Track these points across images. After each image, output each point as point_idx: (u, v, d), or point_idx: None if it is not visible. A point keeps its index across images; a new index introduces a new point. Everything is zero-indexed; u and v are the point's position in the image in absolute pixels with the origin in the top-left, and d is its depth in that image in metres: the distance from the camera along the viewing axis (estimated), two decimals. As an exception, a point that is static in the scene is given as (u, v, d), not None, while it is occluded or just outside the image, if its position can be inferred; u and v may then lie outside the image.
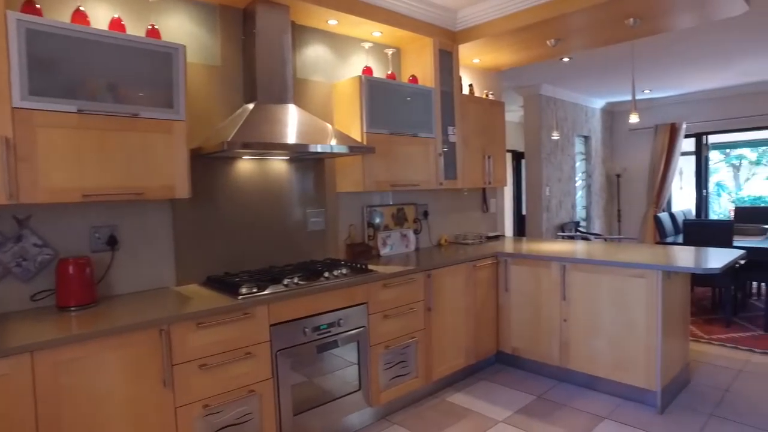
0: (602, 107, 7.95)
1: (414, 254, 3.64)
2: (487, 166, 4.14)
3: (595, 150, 7.86)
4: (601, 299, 3.14)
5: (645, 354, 2.95)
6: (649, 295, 2.91)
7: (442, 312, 3.27)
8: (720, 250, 3.35)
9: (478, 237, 4.29)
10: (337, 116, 3.32)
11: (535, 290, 3.48)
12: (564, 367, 3.35)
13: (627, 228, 8.12)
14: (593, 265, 3.15)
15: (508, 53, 4.10)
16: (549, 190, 6.81)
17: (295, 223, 3.13)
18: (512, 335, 3.64)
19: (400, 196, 3.84)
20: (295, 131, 2.64)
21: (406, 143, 3.39)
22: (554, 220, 6.91)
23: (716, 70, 5.85)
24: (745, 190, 12.76)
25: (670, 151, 7.39)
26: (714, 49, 4.93)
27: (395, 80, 3.34)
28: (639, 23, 3.33)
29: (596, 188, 7.93)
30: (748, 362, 3.69)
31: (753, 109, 6.76)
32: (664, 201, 7.61)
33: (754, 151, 12.88)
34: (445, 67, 3.71)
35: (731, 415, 2.89)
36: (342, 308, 2.63)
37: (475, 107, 4.02)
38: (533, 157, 6.71)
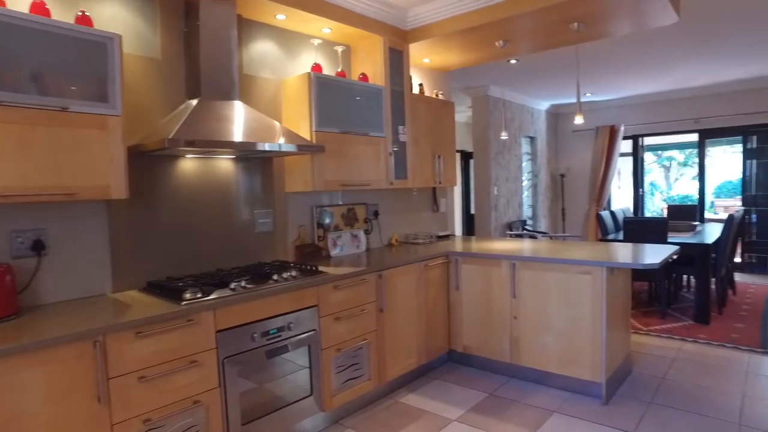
0: (547, 109, 8.21)
1: (365, 255, 3.59)
2: (438, 166, 4.16)
3: (541, 150, 8.11)
4: (549, 296, 3.21)
5: (591, 348, 3.05)
6: (595, 290, 3.01)
7: (394, 312, 3.24)
8: (657, 246, 3.52)
9: (429, 236, 4.31)
10: (285, 114, 3.23)
11: (486, 288, 3.53)
12: (515, 364, 3.41)
13: (571, 226, 8.43)
14: (542, 262, 3.22)
15: (457, 53, 4.13)
16: (497, 189, 6.96)
17: (243, 224, 3.01)
18: (464, 333, 3.67)
19: (350, 196, 3.79)
20: (242, 129, 2.54)
21: (357, 142, 3.34)
22: (502, 218, 7.07)
23: (651, 76, 6.16)
24: (674, 189, 13.62)
25: (609, 152, 7.74)
26: (650, 57, 5.19)
27: (345, 78, 3.28)
28: (583, 28, 3.44)
29: (542, 188, 8.18)
30: (680, 350, 3.90)
31: (682, 114, 7.19)
32: (605, 200, 7.95)
33: (682, 153, 13.77)
34: (395, 66, 3.69)
35: (668, 401, 3.03)
36: (292, 312, 2.55)
37: (425, 107, 4.03)
38: (481, 157, 6.83)
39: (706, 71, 5.95)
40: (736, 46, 4.87)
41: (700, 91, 6.97)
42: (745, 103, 6.68)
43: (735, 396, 3.11)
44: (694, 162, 13.51)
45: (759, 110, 6.55)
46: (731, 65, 5.68)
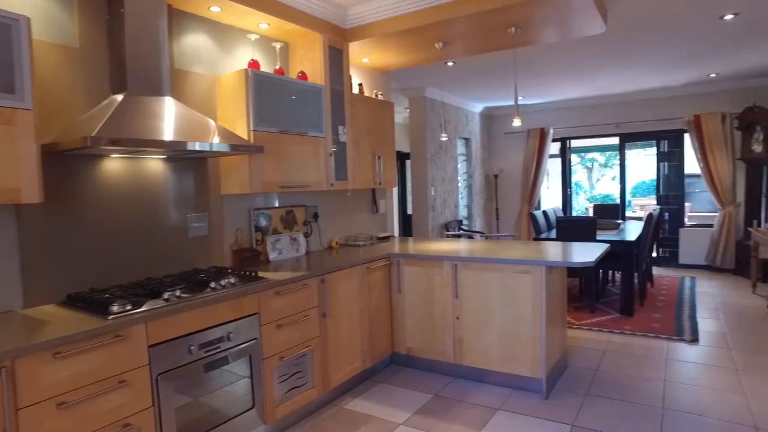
0: (481, 111, 8.44)
1: (305, 258, 3.49)
2: (377, 167, 4.13)
3: (475, 152, 8.32)
4: (491, 295, 3.26)
5: (531, 345, 3.13)
6: (535, 289, 3.09)
7: (337, 317, 3.17)
8: (588, 244, 3.68)
9: (369, 238, 4.27)
10: (221, 112, 3.06)
11: (428, 290, 3.53)
12: (458, 364, 3.44)
13: (504, 225, 8.71)
14: (483, 263, 3.27)
15: (397, 54, 4.12)
16: (434, 190, 7.05)
17: (175, 229, 2.81)
18: (407, 336, 3.66)
19: (289, 198, 3.67)
20: (173, 127, 2.36)
21: (296, 142, 3.24)
22: (439, 219, 7.16)
23: (579, 82, 6.48)
24: (597, 189, 14.50)
25: (540, 154, 8.07)
26: (578, 64, 5.45)
27: (284, 76, 3.16)
28: (520, 33, 3.54)
29: (477, 188, 8.39)
30: (610, 342, 4.11)
31: (605, 118, 7.63)
32: (536, 200, 8.28)
33: (603, 155, 14.69)
34: (335, 65, 3.62)
35: (602, 391, 3.18)
36: (231, 321, 2.41)
37: (365, 107, 3.98)
38: (419, 157, 6.89)
39: (627, 79, 6.34)
40: (653, 57, 5.22)
41: (621, 98, 7.44)
42: (659, 109, 7.20)
43: (658, 382, 3.31)
44: (613, 163, 14.48)
45: (670, 117, 7.08)
46: (648, 74, 6.09)
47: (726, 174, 6.64)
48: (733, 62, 5.63)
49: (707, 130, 6.68)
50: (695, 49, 4.99)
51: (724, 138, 6.63)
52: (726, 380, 3.32)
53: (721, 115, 6.63)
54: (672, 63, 5.55)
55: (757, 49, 5.08)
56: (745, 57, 5.42)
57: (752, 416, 2.83)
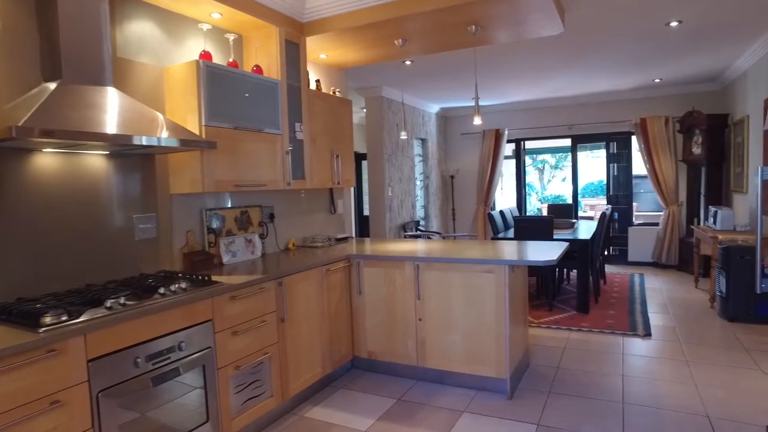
0: (437, 112, 8.46)
1: (261, 261, 3.33)
2: (336, 166, 4.01)
3: (432, 152, 8.33)
4: (454, 296, 3.22)
5: (495, 345, 3.10)
6: (498, 289, 3.06)
7: (296, 322, 3.03)
8: (548, 243, 3.71)
9: (328, 239, 4.14)
10: (170, 106, 2.86)
11: (389, 291, 3.45)
12: (421, 366, 3.37)
13: (460, 226, 8.77)
14: (446, 263, 3.22)
15: (355, 50, 4.02)
16: (391, 190, 6.99)
17: (119, 231, 2.60)
18: (368, 339, 3.56)
19: (243, 198, 3.50)
20: (116, 119, 2.17)
21: (252, 139, 3.08)
22: (397, 219, 7.11)
23: (533, 84, 6.60)
24: (548, 190, 14.91)
25: (495, 155, 8.17)
26: (533, 65, 5.53)
27: (238, 69, 3.00)
28: (480, 31, 3.51)
29: (433, 188, 8.41)
30: (569, 340, 4.16)
31: (558, 120, 7.82)
32: (491, 200, 8.38)
33: (554, 156, 15.14)
34: (291, 60, 3.48)
35: (564, 389, 3.19)
36: (183, 329, 2.24)
37: (322, 104, 3.86)
38: (376, 157, 6.82)
39: (580, 82, 6.51)
40: (605, 61, 5.36)
41: (573, 101, 7.64)
42: (609, 112, 7.44)
43: (616, 377, 3.36)
44: (563, 165, 14.95)
45: (619, 119, 7.33)
46: (599, 78, 6.27)
47: (670, 175, 6.94)
48: (676, 68, 5.88)
49: (652, 132, 6.96)
50: (643, 54, 5.17)
51: (667, 140, 6.93)
52: (678, 372, 3.42)
53: (665, 119, 6.93)
54: (622, 67, 5.73)
55: (697, 56, 5.32)
56: (687, 63, 5.67)
57: (703, 406, 2.92)
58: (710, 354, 3.76)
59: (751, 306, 4.48)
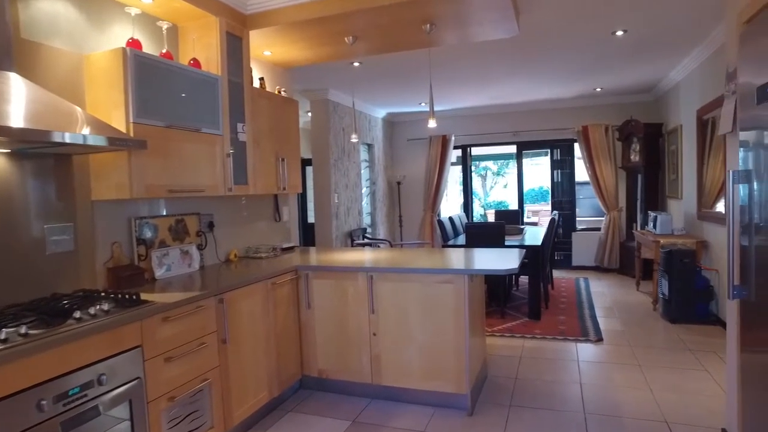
0: (384, 117, 8.32)
1: (199, 275, 3.01)
2: (281, 170, 3.74)
3: (378, 158, 8.17)
4: (410, 308, 3.03)
5: (455, 359, 2.94)
6: (457, 299, 2.91)
7: (239, 342, 2.73)
8: (502, 250, 3.61)
9: (272, 249, 3.85)
10: (91, 99, 2.50)
11: (341, 305, 3.22)
12: (376, 384, 3.15)
13: (408, 233, 8.65)
14: (401, 273, 3.03)
15: (302, 48, 3.78)
16: (337, 197, 6.76)
17: (27, 244, 2.21)
18: (318, 356, 3.31)
19: (179, 205, 3.16)
20: (23, 111, 1.82)
21: (188, 140, 2.76)
22: (343, 227, 6.88)
23: (481, 90, 6.60)
24: (491, 196, 15.19)
25: (442, 161, 8.13)
26: (482, 71, 5.49)
27: (174, 61, 2.69)
28: (435, 30, 3.38)
29: (380, 195, 8.25)
30: (524, 348, 4.09)
31: (504, 127, 7.89)
32: (438, 206, 8.33)
33: (496, 163, 15.46)
34: (233, 54, 3.19)
35: (525, 401, 3.09)
36: (104, 359, 1.90)
37: (267, 103, 3.58)
38: (321, 163, 6.57)
39: (526, 89, 6.57)
40: (553, 68, 5.41)
41: (519, 107, 7.73)
42: (553, 120, 7.59)
43: (575, 385, 3.30)
44: (506, 172, 15.29)
45: (562, 127, 7.49)
46: (545, 85, 6.36)
47: (610, 181, 7.16)
48: (616, 78, 6.06)
49: (594, 140, 7.16)
50: (588, 63, 5.26)
51: (607, 148, 7.14)
52: (632, 377, 3.41)
53: (605, 127, 7.15)
54: (567, 75, 5.82)
55: (636, 67, 5.49)
56: (626, 74, 5.85)
57: (661, 411, 2.90)
58: (659, 357, 3.80)
59: (691, 307, 4.61)
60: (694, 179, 5.19)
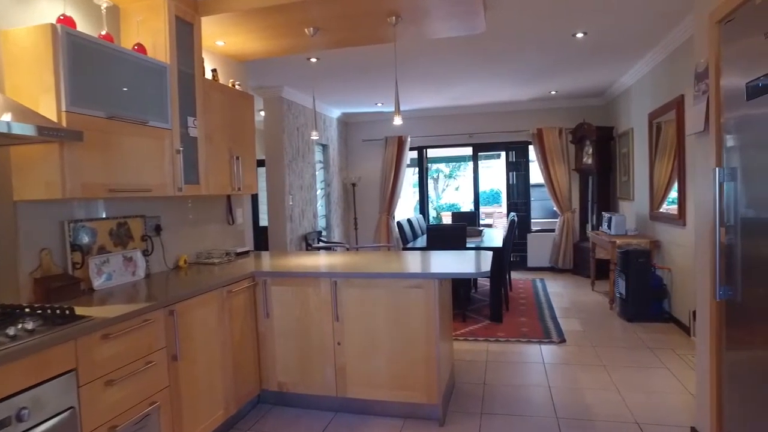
0: (338, 117, 8.12)
1: (145, 284, 2.71)
2: (236, 169, 3.48)
3: (333, 159, 7.96)
4: (377, 315, 2.86)
5: (425, 368, 2.79)
6: (428, 305, 2.76)
7: (192, 358, 2.47)
8: (468, 252, 3.52)
9: (226, 254, 3.58)
10: (10, 82, 2.17)
11: (303, 313, 3.00)
12: (342, 397, 2.95)
13: (363, 235, 8.47)
14: (368, 278, 2.85)
15: (259, 38, 3.53)
16: (292, 198, 6.50)
17: (-69, 251, 1.87)
18: (278, 369, 3.07)
19: (121, 207, 2.84)
20: None
21: (132, 133, 2.47)
22: (298, 230, 6.63)
23: (438, 91, 6.53)
24: (443, 199, 15.27)
25: (398, 162, 8.02)
26: (439, 72, 5.42)
27: (115, 45, 2.39)
28: (401, 23, 3.22)
29: (335, 197, 8.03)
30: (488, 352, 4.01)
31: (459, 129, 7.87)
32: (394, 209, 8.20)
33: (448, 166, 15.57)
34: (183, 42, 2.91)
35: (496, 408, 2.99)
36: (28, 389, 1.60)
37: (220, 97, 3.32)
38: (275, 163, 6.29)
39: (483, 90, 6.56)
40: (512, 69, 5.40)
41: (475, 109, 7.73)
42: (508, 122, 7.64)
43: (544, 389, 3.24)
44: (457, 174, 15.42)
45: (517, 129, 7.56)
46: (502, 87, 6.37)
47: (564, 183, 7.28)
48: (571, 82, 6.15)
49: (548, 142, 7.26)
50: (546, 65, 5.28)
51: (561, 150, 7.26)
52: (599, 378, 3.39)
53: (559, 130, 7.27)
54: (526, 77, 5.84)
55: (591, 71, 5.58)
56: (581, 77, 5.95)
57: (631, 412, 2.89)
58: (622, 356, 3.81)
59: (646, 306, 4.70)
60: (647, 181, 5.32)
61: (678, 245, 4.54)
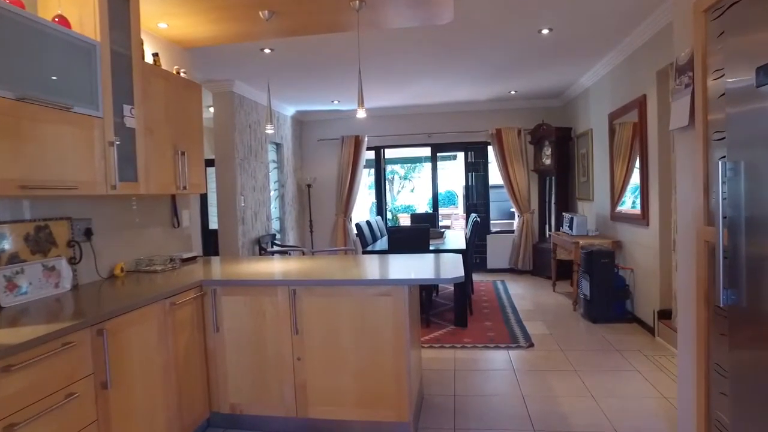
0: (293, 115, 7.77)
1: (71, 297, 2.32)
2: (181, 166, 3.12)
3: (287, 158, 7.60)
4: (342, 327, 2.59)
5: (395, 383, 2.54)
6: (397, 314, 2.52)
7: (126, 384, 2.11)
8: (437, 256, 3.31)
9: (170, 261, 3.20)
10: None
11: (257, 326, 2.69)
12: (302, 417, 2.66)
13: (319, 238, 8.15)
14: (331, 286, 2.58)
15: (207, 21, 3.19)
16: (244, 200, 6.11)
17: None
18: (229, 389, 2.74)
19: (41, 207, 2.44)
20: None
21: (53, 120, 2.10)
22: (250, 233, 6.24)
23: (396, 89, 6.32)
24: (398, 200, 15.13)
25: (355, 162, 7.75)
26: (399, 68, 5.21)
27: (27, 12, 2.01)
28: (365, 7, 2.97)
29: (289, 198, 7.67)
30: (456, 360, 3.82)
31: (417, 128, 7.70)
32: (351, 210, 7.93)
33: (403, 167, 15.45)
34: (118, 18, 2.54)
35: (469, 422, 2.78)
36: None
37: (164, 84, 2.95)
38: (225, 162, 5.89)
39: (442, 89, 6.41)
40: (474, 66, 5.26)
41: (433, 109, 7.58)
42: (467, 122, 7.54)
43: (517, 399, 3.07)
44: (412, 176, 15.32)
45: (476, 129, 7.47)
46: (462, 86, 6.23)
47: (523, 184, 7.24)
48: (531, 81, 6.10)
49: (507, 142, 7.21)
50: (509, 62, 5.16)
51: (520, 151, 7.23)
52: (572, 385, 3.26)
53: (517, 130, 7.23)
54: (487, 75, 5.72)
55: (553, 69, 5.53)
56: (542, 77, 5.90)
57: (608, 420, 2.77)
58: (591, 360, 3.72)
59: (610, 306, 4.66)
60: (607, 181, 5.31)
61: (641, 245, 4.52)
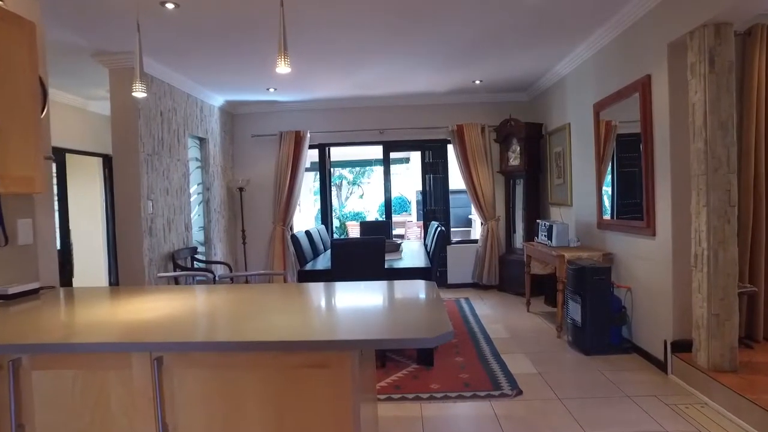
0: (221, 105, 6.54)
1: None
2: None
3: (214, 157, 6.37)
4: (245, 419, 1.49)
5: None
6: (339, 396, 1.45)
7: None
8: (393, 284, 2.28)
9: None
10: None
11: (95, 420, 1.54)
12: None
13: (253, 252, 6.92)
14: (223, 352, 1.48)
15: None
16: (152, 205, 4.86)
17: None
18: None
19: None
20: None
21: None
22: (162, 247, 4.98)
23: (343, 75, 5.31)
24: (347, 207, 14.06)
25: (296, 163, 6.62)
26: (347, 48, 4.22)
27: None
28: None
29: (216, 204, 6.43)
30: (424, 419, 2.79)
31: (368, 124, 6.68)
32: (291, 218, 6.78)
33: (351, 172, 14.40)
34: None
35: None
36: None
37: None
38: (127, 158, 4.63)
39: (396, 77, 5.43)
40: (436, 41, 4.29)
41: (385, 101, 6.56)
42: (424, 117, 6.58)
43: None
44: (361, 181, 14.30)
45: (435, 125, 6.53)
46: (419, 72, 5.26)
47: (488, 187, 6.36)
48: (500, 67, 5.22)
49: (470, 140, 6.31)
50: (479, 39, 4.24)
51: (484, 150, 6.35)
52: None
53: (481, 127, 6.35)
54: (446, 57, 4.79)
55: (527, 52, 4.68)
56: (512, 61, 5.03)
57: None
58: (601, 412, 2.82)
59: (605, 334, 3.80)
60: (592, 183, 4.48)
61: (643, 259, 3.68)
